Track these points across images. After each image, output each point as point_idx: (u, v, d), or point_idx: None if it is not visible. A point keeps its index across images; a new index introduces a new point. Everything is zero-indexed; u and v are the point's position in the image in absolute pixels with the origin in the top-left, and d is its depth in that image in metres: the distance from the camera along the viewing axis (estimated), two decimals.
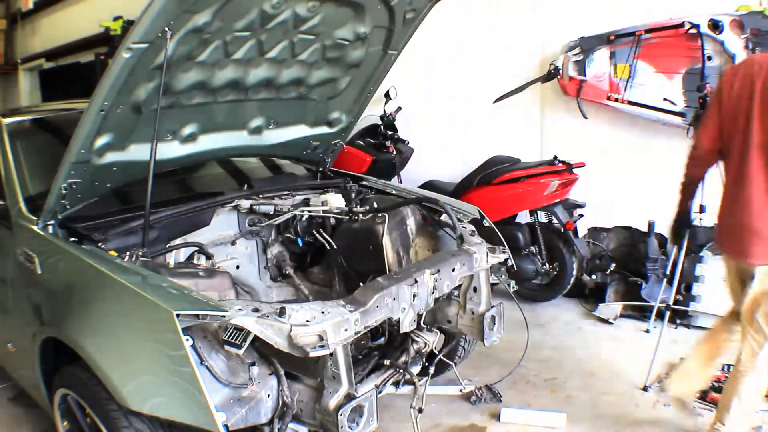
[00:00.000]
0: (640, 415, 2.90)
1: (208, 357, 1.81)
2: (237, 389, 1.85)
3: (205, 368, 1.79)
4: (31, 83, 10.42)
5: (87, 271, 2.03)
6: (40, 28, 10.13)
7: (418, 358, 2.54)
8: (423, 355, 2.56)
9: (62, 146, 2.49)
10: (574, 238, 4.23)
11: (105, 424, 1.90)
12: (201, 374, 1.68)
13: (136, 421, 1.83)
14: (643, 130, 4.31)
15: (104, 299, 1.95)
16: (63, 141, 2.72)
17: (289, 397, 1.96)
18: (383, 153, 4.77)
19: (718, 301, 3.78)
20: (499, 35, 4.81)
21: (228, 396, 1.81)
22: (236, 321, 1.74)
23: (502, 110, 4.72)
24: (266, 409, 1.90)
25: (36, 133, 2.99)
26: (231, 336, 1.77)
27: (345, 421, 1.91)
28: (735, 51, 3.79)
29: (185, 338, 1.68)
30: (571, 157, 4.19)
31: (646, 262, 4.13)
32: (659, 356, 3.22)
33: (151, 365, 1.76)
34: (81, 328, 1.95)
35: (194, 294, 1.86)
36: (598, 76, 4.26)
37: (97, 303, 1.97)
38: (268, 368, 1.96)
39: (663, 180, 4.22)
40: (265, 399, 1.90)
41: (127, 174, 2.42)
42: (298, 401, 2.02)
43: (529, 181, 4.14)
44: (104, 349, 1.85)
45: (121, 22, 6.97)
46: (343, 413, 1.91)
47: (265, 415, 1.90)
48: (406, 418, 2.96)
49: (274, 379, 1.94)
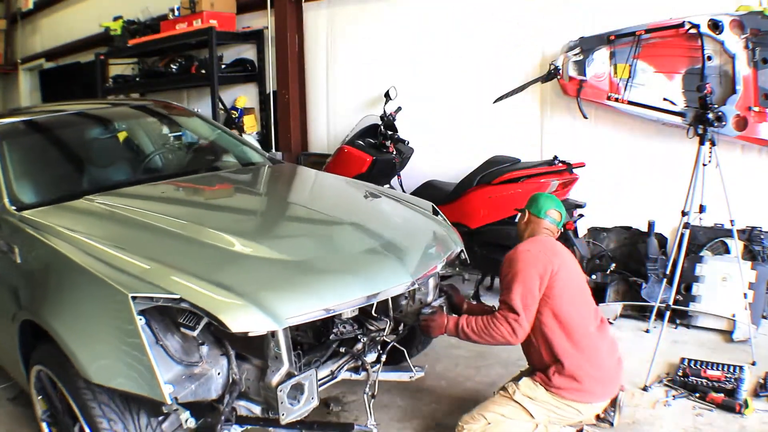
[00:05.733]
0: (640, 415, 2.90)
1: (163, 337, 2.00)
2: (189, 367, 2.03)
3: (160, 347, 1.97)
4: (31, 83, 10.42)
5: (56, 258, 2.23)
6: (40, 28, 10.13)
7: (372, 346, 2.60)
8: (377, 344, 2.62)
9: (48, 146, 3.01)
10: (574, 238, 4.23)
11: (72, 397, 2.09)
12: (153, 352, 1.88)
13: (99, 393, 2.01)
14: (643, 130, 4.31)
15: (71, 283, 2.14)
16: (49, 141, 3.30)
17: (237, 375, 2.12)
18: (383, 153, 4.77)
19: (718, 301, 3.79)
20: (499, 35, 4.81)
21: (180, 372, 2.00)
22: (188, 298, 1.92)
23: (502, 110, 4.72)
24: (216, 385, 2.08)
25: (24, 134, 3.23)
26: (186, 319, 1.98)
27: (285, 397, 2.06)
28: (735, 51, 3.79)
29: (138, 318, 1.88)
30: (571, 157, 4.18)
31: (646, 262, 4.13)
32: (659, 356, 3.22)
33: (111, 343, 1.95)
34: (51, 310, 2.14)
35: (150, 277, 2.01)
36: (598, 76, 4.26)
37: (65, 287, 2.16)
38: (220, 349, 2.11)
39: (663, 180, 4.25)
40: (215, 377, 2.07)
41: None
42: (246, 380, 2.16)
43: (529, 181, 4.13)
44: (71, 328, 2.05)
45: (121, 22, 6.97)
46: (282, 389, 2.05)
47: (215, 391, 2.08)
48: (406, 418, 2.97)
49: (225, 359, 2.10)
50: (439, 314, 2.66)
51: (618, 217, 4.51)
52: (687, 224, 3.25)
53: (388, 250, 2.44)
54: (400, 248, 2.50)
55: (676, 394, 3.05)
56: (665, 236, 4.29)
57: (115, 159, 3.45)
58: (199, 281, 2.01)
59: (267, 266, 2.20)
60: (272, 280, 2.13)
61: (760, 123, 3.80)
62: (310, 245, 2.46)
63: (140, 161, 3.52)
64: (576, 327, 2.49)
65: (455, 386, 3.26)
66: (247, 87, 6.54)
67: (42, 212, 2.59)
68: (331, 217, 2.74)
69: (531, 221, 2.72)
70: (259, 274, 2.16)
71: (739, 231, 3.80)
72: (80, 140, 3.44)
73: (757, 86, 3.79)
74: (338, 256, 2.40)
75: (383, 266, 2.35)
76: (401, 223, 2.86)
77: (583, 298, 2.60)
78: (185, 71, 6.47)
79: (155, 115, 3.94)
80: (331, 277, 2.25)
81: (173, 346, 2.02)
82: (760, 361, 3.32)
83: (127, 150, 3.65)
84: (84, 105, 3.87)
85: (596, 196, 4.39)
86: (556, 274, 2.48)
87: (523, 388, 2.54)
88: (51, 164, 3.15)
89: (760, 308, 3.77)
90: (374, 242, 2.49)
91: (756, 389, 3.05)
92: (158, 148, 3.69)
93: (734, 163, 3.85)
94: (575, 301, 2.53)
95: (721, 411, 2.89)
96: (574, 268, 2.61)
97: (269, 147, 6.35)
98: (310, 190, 3.37)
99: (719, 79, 3.90)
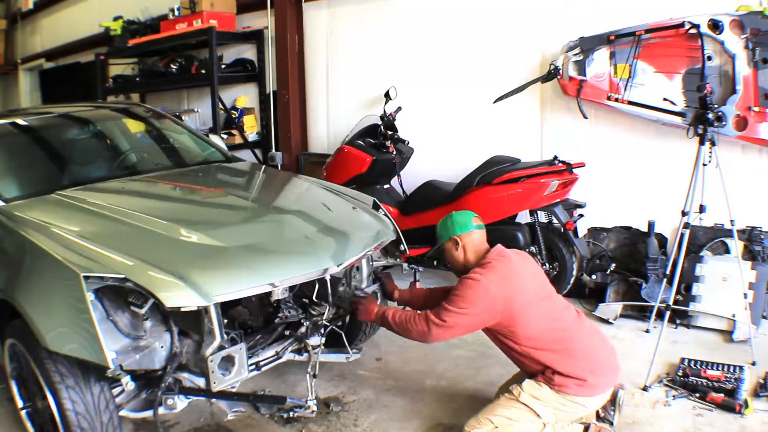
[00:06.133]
0: (640, 415, 2.90)
1: (114, 313, 2.30)
2: (135, 340, 2.33)
3: (110, 321, 2.27)
4: (31, 83, 10.42)
5: (26, 244, 2.52)
6: (40, 28, 10.13)
7: (315, 330, 2.80)
8: (320, 327, 2.81)
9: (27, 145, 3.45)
10: (574, 238, 4.23)
11: (37, 366, 2.36)
12: (101, 324, 2.16)
13: (59, 363, 2.28)
14: (643, 130, 4.31)
15: (37, 266, 2.43)
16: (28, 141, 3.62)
17: (179, 348, 2.39)
18: (383, 153, 4.77)
19: (718, 301, 3.79)
20: (499, 35, 4.81)
21: (127, 344, 2.30)
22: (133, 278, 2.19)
23: (502, 110, 4.72)
24: (160, 357, 2.36)
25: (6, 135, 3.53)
26: (134, 298, 2.25)
27: (216, 367, 2.32)
28: (735, 51, 3.79)
29: (89, 294, 2.15)
30: (571, 157, 4.19)
31: (646, 262, 4.13)
32: (659, 356, 3.22)
33: (66, 316, 2.22)
34: (20, 290, 2.42)
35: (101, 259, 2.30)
36: (598, 76, 4.26)
37: (33, 269, 2.45)
38: (165, 326, 2.38)
39: (663, 180, 4.25)
40: (159, 349, 2.36)
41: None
42: (186, 353, 2.42)
43: (529, 181, 4.14)
44: (35, 304, 2.33)
45: (121, 22, 6.97)
46: (213, 360, 2.32)
47: (159, 362, 2.36)
48: (406, 418, 2.97)
49: (168, 335, 2.38)
50: (369, 300, 2.80)
51: (618, 217, 4.51)
52: (687, 224, 3.25)
53: (316, 239, 2.73)
54: (328, 237, 2.80)
55: (676, 394, 3.05)
56: (665, 236, 4.29)
57: (88, 157, 3.70)
58: (143, 264, 2.29)
59: (204, 251, 2.48)
60: (206, 263, 2.40)
61: (760, 123, 3.80)
62: (245, 234, 2.76)
63: (110, 159, 3.76)
64: (553, 337, 2.52)
65: (456, 386, 3.26)
66: (247, 87, 6.54)
67: (17, 205, 2.90)
68: (268, 209, 3.05)
69: (465, 243, 2.68)
70: (196, 257, 2.43)
71: (739, 231, 3.80)
72: (57, 140, 3.72)
73: (757, 86, 3.79)
74: (269, 244, 2.68)
75: (309, 253, 2.61)
76: (334, 215, 3.10)
77: (548, 306, 2.59)
78: (185, 71, 6.47)
79: (131, 117, 4.22)
80: (259, 262, 2.52)
81: (122, 321, 2.31)
82: (760, 361, 3.32)
83: (100, 149, 3.90)
84: (68, 108, 4.12)
85: (596, 196, 4.39)
86: (511, 303, 2.48)
87: (528, 388, 2.54)
88: (29, 162, 3.41)
89: (760, 308, 3.78)
90: (304, 232, 2.78)
91: (756, 389, 3.05)
92: (128, 148, 3.94)
93: (734, 163, 3.85)
94: (541, 315, 2.54)
95: (721, 411, 2.89)
96: (529, 281, 2.59)
97: (269, 147, 6.35)
98: (256, 185, 3.67)
99: (719, 79, 3.90)
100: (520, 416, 2.52)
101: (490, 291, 2.46)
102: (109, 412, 2.33)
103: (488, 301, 2.46)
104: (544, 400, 2.51)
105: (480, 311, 2.48)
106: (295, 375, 3.42)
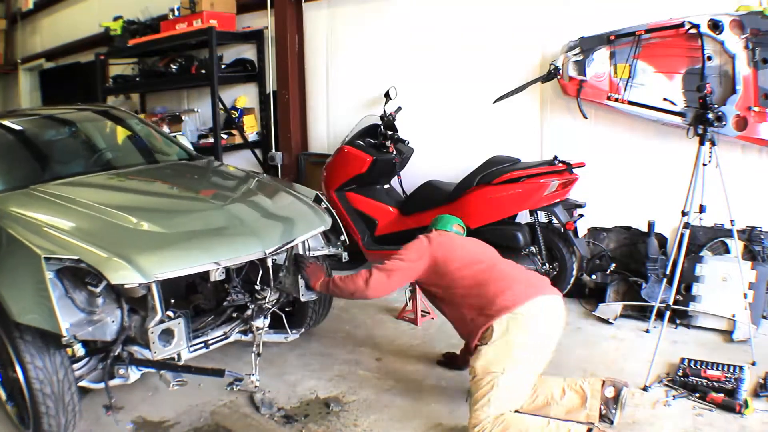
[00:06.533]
0: (640, 415, 2.90)
1: (72, 291, 2.60)
2: (90, 314, 2.62)
3: (68, 298, 2.57)
4: (31, 83, 10.41)
5: (1, 231, 2.84)
6: (40, 28, 10.12)
7: (259, 313, 3.15)
8: (264, 310, 3.18)
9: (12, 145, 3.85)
10: (574, 238, 4.23)
11: (6, 336, 2.65)
12: (59, 300, 2.48)
13: (25, 334, 2.59)
14: (643, 130, 4.31)
15: (9, 250, 2.77)
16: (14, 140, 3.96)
17: (128, 323, 2.70)
18: (383, 153, 4.77)
19: (718, 301, 3.79)
20: (499, 35, 4.82)
21: (82, 318, 2.60)
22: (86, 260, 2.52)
23: (502, 110, 4.72)
24: (111, 330, 2.67)
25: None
26: (90, 278, 2.56)
27: (156, 338, 2.66)
28: (735, 51, 3.79)
29: (48, 273, 2.47)
30: (571, 157, 4.19)
31: (646, 262, 4.13)
32: (659, 356, 3.22)
33: (30, 292, 2.55)
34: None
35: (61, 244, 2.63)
36: (598, 76, 4.26)
37: (6, 253, 2.77)
38: (117, 303, 2.70)
39: (663, 180, 4.25)
40: (110, 323, 2.66)
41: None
42: (134, 327, 2.73)
43: (529, 181, 4.14)
44: (5, 283, 2.64)
45: (121, 22, 6.96)
46: (153, 332, 2.65)
47: (110, 335, 2.67)
48: (406, 418, 2.98)
49: (119, 311, 2.70)
50: (318, 266, 3.18)
51: (618, 217, 4.51)
52: (687, 224, 3.25)
53: (251, 227, 3.04)
54: (262, 225, 3.15)
55: (676, 394, 3.05)
56: (665, 236, 4.29)
57: (63, 155, 4.04)
58: (95, 247, 2.63)
59: (150, 237, 2.83)
60: (150, 247, 2.74)
61: (760, 123, 3.80)
62: (188, 222, 3.09)
63: (83, 157, 4.09)
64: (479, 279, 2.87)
65: (455, 386, 3.26)
66: (247, 87, 6.54)
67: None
68: (211, 201, 3.35)
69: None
70: (142, 242, 2.77)
71: (739, 231, 3.80)
72: (34, 140, 4.08)
73: (757, 86, 3.79)
74: (208, 231, 3.00)
75: (243, 239, 2.94)
76: (271, 206, 3.43)
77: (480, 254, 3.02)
78: (185, 71, 6.47)
79: (108, 119, 4.55)
80: (196, 246, 2.85)
81: (79, 298, 2.61)
82: (760, 361, 3.32)
83: (74, 147, 4.24)
84: (49, 110, 4.65)
85: (596, 196, 4.39)
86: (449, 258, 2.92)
87: (477, 363, 2.70)
88: (9, 160, 3.74)
89: (760, 308, 3.78)
90: (241, 220, 3.08)
91: (756, 389, 3.05)
92: (101, 146, 4.29)
93: (734, 163, 3.85)
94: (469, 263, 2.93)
95: (721, 411, 2.89)
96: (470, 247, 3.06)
97: (269, 147, 6.35)
98: (208, 180, 4.02)
99: (719, 79, 3.90)
100: (496, 383, 2.64)
101: (427, 243, 2.98)
102: (69, 382, 2.65)
103: (424, 249, 2.96)
104: (493, 355, 2.69)
105: (417, 257, 2.94)
106: (295, 375, 3.42)
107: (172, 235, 2.88)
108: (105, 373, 2.73)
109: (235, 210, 3.21)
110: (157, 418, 3.04)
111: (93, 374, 2.83)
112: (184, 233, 2.94)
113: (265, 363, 3.57)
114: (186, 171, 4.07)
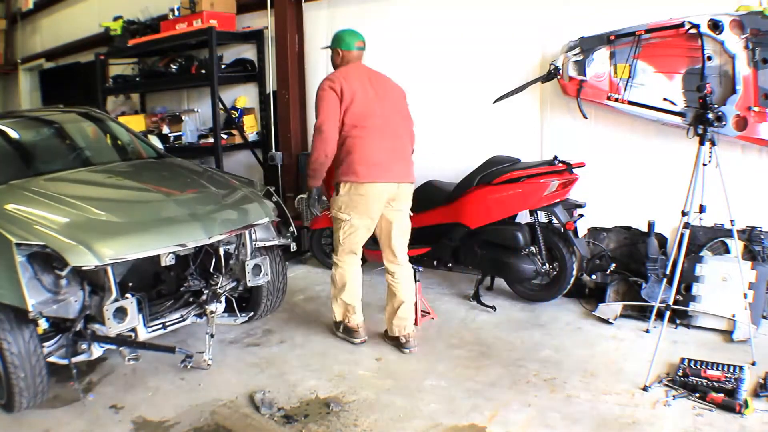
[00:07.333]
0: (640, 415, 2.90)
1: (41, 274, 2.93)
2: (55, 294, 2.95)
3: (37, 280, 2.90)
4: (31, 83, 10.40)
5: None
6: (40, 28, 10.12)
7: (213, 297, 3.48)
8: (218, 295, 3.51)
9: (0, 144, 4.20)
10: (574, 238, 4.23)
11: None
12: (27, 281, 2.82)
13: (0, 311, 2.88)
14: (643, 130, 4.31)
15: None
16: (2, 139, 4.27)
17: (89, 302, 3.04)
18: None
19: (718, 301, 3.79)
20: (499, 35, 4.81)
21: (48, 297, 2.92)
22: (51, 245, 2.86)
23: (502, 110, 4.72)
24: (74, 309, 3.00)
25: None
26: (57, 263, 2.90)
27: (111, 316, 2.98)
28: (735, 51, 3.79)
29: (18, 257, 2.82)
30: (571, 157, 4.19)
31: (646, 262, 4.13)
32: (659, 356, 3.22)
33: (3, 273, 2.86)
34: None
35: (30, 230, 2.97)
36: (598, 76, 4.26)
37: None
38: (80, 285, 3.03)
39: (663, 180, 4.25)
40: (73, 303, 3.00)
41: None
42: (94, 306, 3.05)
43: (529, 181, 4.14)
44: None
45: (121, 22, 6.96)
46: (108, 309, 2.97)
47: (72, 313, 2.99)
48: (406, 418, 2.97)
49: (82, 292, 3.03)
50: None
51: (618, 217, 4.51)
52: (687, 224, 3.25)
53: (198, 217, 3.38)
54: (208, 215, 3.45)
55: (676, 394, 3.05)
56: (665, 236, 4.29)
57: (41, 153, 4.32)
58: (59, 234, 2.98)
59: (107, 226, 3.18)
60: (106, 233, 3.09)
61: (760, 123, 3.80)
62: (141, 213, 3.43)
63: (60, 155, 4.39)
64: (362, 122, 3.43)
65: (456, 386, 3.26)
66: (247, 87, 6.54)
67: None
68: (164, 194, 3.69)
69: (343, 56, 3.60)
70: (100, 230, 3.11)
71: (739, 231, 3.81)
72: (16, 139, 4.35)
73: (757, 86, 3.79)
74: (158, 221, 3.33)
75: (187, 228, 3.28)
76: (220, 198, 3.74)
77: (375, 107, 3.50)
78: (185, 71, 6.47)
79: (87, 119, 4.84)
80: (147, 233, 3.20)
81: (47, 280, 2.95)
82: (760, 361, 3.32)
83: (52, 146, 4.56)
84: (34, 112, 5.12)
85: (596, 196, 4.39)
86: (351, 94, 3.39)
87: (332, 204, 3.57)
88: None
89: (760, 308, 3.78)
90: (191, 211, 3.42)
91: (756, 389, 3.05)
92: (77, 145, 4.58)
93: (734, 163, 3.85)
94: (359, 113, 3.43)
95: (721, 411, 2.88)
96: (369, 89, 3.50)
97: (269, 147, 6.35)
98: (165, 175, 4.25)
99: (719, 79, 3.90)
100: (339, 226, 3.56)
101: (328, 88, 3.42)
102: (37, 355, 2.95)
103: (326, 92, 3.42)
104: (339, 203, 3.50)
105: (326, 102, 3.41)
106: (295, 375, 3.42)
107: (126, 224, 3.23)
108: (68, 348, 3.08)
109: (186, 201, 3.57)
110: (157, 418, 3.04)
111: (60, 351, 3.13)
112: (137, 222, 3.28)
113: (265, 363, 3.57)
114: (150, 167, 4.39)
